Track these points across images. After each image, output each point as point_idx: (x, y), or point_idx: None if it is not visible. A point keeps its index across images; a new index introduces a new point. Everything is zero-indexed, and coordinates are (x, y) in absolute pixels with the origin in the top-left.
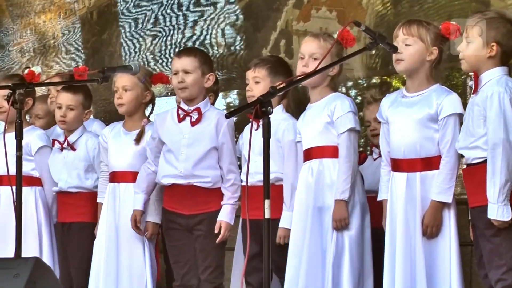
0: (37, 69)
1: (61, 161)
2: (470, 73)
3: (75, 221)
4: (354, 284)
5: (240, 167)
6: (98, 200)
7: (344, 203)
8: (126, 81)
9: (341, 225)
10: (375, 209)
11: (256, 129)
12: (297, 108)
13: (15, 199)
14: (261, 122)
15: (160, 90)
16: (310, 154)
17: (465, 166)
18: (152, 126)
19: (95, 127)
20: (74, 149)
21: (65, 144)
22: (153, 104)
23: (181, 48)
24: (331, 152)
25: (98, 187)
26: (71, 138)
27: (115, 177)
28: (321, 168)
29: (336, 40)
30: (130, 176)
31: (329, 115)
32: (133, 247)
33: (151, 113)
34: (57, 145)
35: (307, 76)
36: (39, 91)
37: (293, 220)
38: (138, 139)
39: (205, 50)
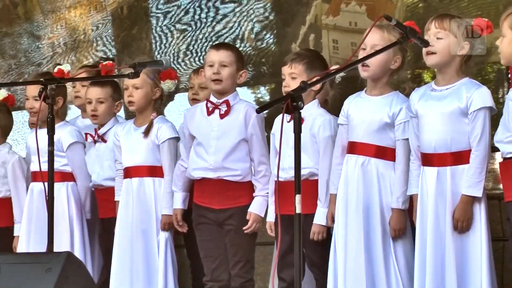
0: (66, 67)
1: (94, 154)
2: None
3: (112, 216)
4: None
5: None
6: (116, 199)
7: (403, 212)
8: (135, 79)
9: (398, 234)
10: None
11: (289, 121)
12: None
13: (47, 195)
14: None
15: (169, 87)
16: (358, 148)
17: (502, 160)
18: (161, 120)
19: None
20: (105, 141)
21: (97, 137)
22: (162, 100)
23: (215, 43)
24: (383, 153)
25: (116, 186)
26: (102, 130)
27: (128, 172)
28: (370, 168)
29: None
30: (142, 171)
31: (389, 116)
32: (148, 242)
33: (161, 107)
34: (89, 138)
35: (340, 70)
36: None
37: (336, 214)
38: (146, 132)
39: (236, 43)
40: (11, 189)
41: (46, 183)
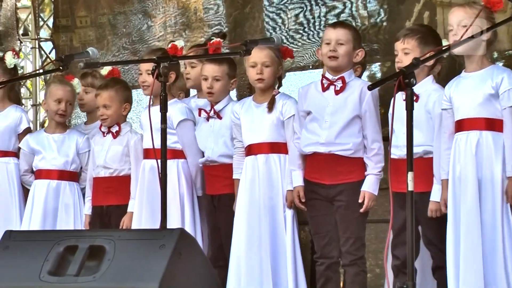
0: (180, 43)
1: (207, 130)
2: None
3: (224, 193)
4: None
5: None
6: (234, 176)
7: None
8: (265, 56)
9: None
10: None
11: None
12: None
13: (159, 172)
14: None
15: (287, 65)
16: (465, 125)
17: None
18: (284, 96)
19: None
20: (220, 118)
21: (211, 113)
22: (280, 79)
23: (331, 21)
24: (492, 124)
25: (234, 164)
26: (218, 106)
27: (252, 149)
28: (481, 140)
29: (483, 5)
30: (267, 147)
31: (493, 87)
32: (276, 218)
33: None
34: (203, 114)
35: (456, 44)
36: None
37: (449, 191)
38: (270, 107)
39: (348, 20)
40: (131, 166)
41: (159, 160)
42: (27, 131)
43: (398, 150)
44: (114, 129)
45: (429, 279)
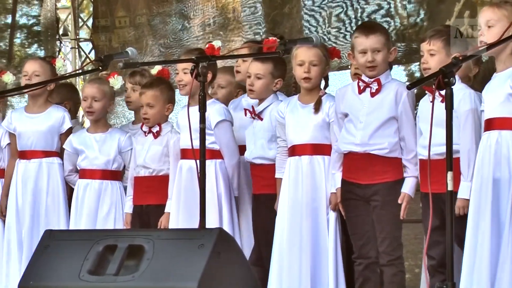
0: (217, 43)
1: (251, 131)
2: None
3: (262, 193)
4: None
5: None
6: (277, 176)
7: None
8: (313, 55)
9: None
10: None
11: (431, 101)
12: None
13: (198, 172)
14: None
15: (334, 65)
16: (490, 124)
17: None
18: (331, 97)
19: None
20: (261, 119)
21: (253, 114)
22: (327, 79)
23: (362, 24)
24: (511, 124)
25: (276, 163)
26: (259, 107)
27: (296, 150)
28: (500, 140)
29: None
30: (310, 149)
31: (511, 86)
32: (318, 220)
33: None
34: (248, 114)
35: (491, 45)
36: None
37: (471, 191)
38: (317, 108)
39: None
40: (170, 167)
41: (197, 161)
42: (70, 131)
43: (425, 151)
44: (155, 129)
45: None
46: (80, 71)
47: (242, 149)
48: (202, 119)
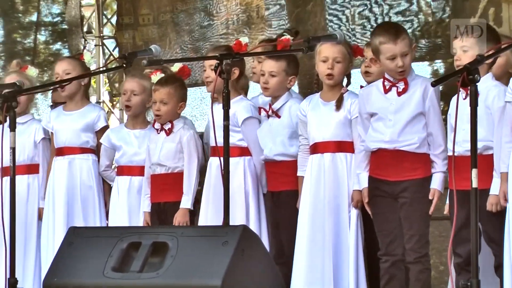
0: (244, 40)
1: (267, 129)
2: None
3: (284, 189)
4: None
5: None
6: (299, 174)
7: None
8: (337, 52)
9: None
10: None
11: (464, 98)
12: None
13: (222, 169)
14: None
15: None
16: None
17: None
18: (353, 94)
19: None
20: (279, 116)
21: (271, 112)
22: (349, 76)
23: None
24: None
25: (298, 161)
26: (276, 105)
27: (318, 147)
28: None
29: None
30: (333, 146)
31: None
32: (340, 217)
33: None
34: (263, 112)
35: None
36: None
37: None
38: (338, 105)
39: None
40: (184, 163)
41: (221, 158)
42: (105, 129)
43: (457, 147)
44: (167, 126)
45: (491, 277)
46: (103, 68)
47: None
48: (226, 116)
